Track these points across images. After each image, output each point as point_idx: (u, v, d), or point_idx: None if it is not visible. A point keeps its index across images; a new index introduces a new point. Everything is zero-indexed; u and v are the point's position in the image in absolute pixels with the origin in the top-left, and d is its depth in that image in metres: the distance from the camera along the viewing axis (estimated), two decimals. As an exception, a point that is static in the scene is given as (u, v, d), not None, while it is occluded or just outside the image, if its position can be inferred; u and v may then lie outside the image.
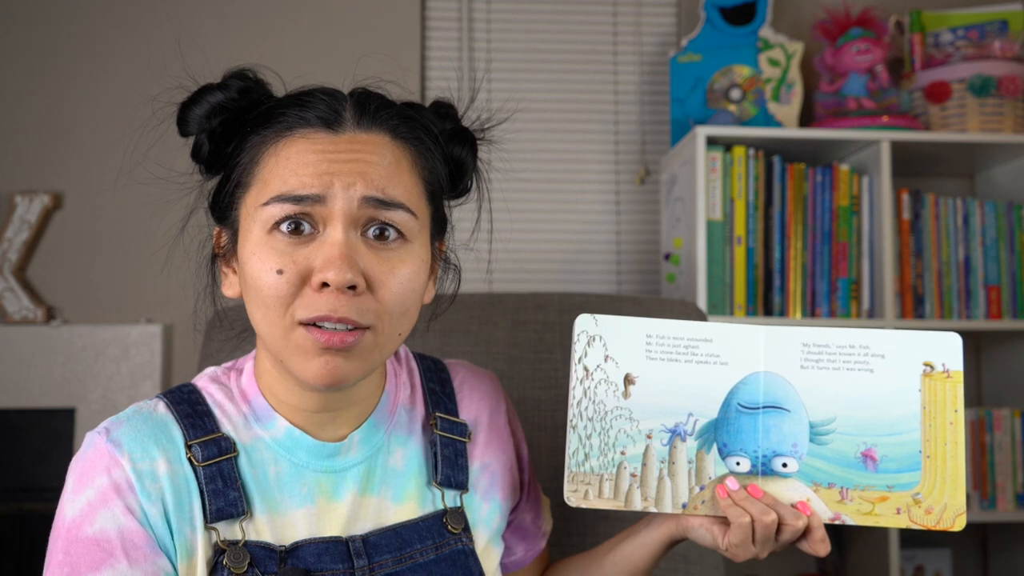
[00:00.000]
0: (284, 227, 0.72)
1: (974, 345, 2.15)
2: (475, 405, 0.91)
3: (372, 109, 0.77)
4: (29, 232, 2.04)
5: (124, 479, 0.73)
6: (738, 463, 0.81)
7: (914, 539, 2.01)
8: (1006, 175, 2.06)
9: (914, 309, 1.92)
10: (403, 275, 0.75)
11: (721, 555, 1.16)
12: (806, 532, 0.79)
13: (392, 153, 0.77)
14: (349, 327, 0.72)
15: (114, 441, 0.74)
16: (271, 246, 0.72)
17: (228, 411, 0.80)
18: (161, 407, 0.78)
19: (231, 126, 0.79)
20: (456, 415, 0.89)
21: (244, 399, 0.81)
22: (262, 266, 0.72)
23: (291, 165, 0.73)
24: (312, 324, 0.72)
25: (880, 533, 1.82)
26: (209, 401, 0.80)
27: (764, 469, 0.80)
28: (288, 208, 0.72)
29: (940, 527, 0.80)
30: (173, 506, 0.74)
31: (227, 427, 0.79)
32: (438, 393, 0.89)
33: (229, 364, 0.85)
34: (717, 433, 0.81)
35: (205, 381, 0.82)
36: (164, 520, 0.73)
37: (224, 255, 0.80)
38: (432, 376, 0.90)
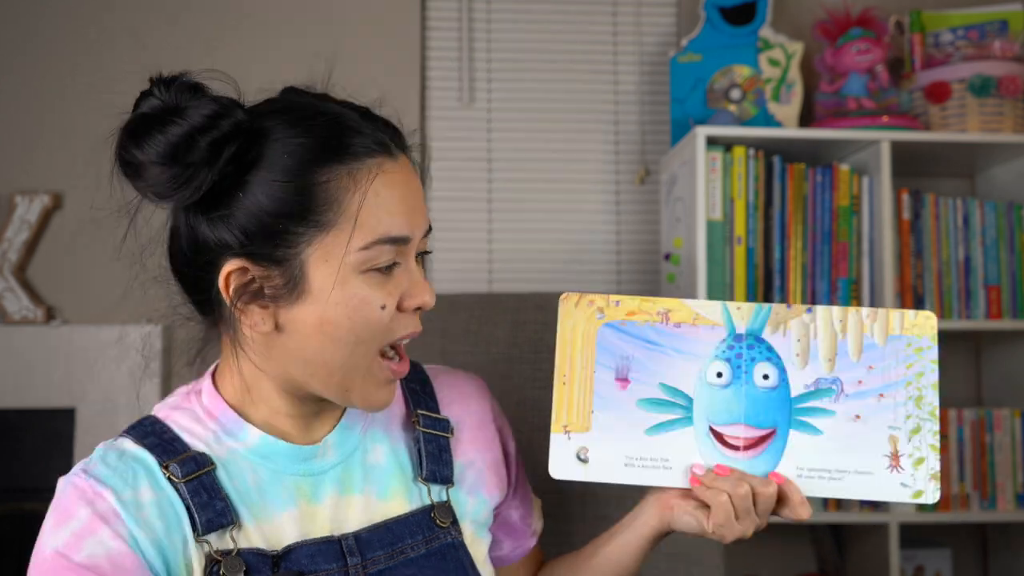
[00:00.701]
0: (382, 267, 0.75)
1: (974, 345, 2.15)
2: (456, 404, 0.92)
3: (396, 131, 0.80)
4: (29, 232, 2.04)
5: (109, 509, 0.73)
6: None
7: (914, 539, 2.01)
8: (1006, 175, 2.06)
9: (914, 309, 1.92)
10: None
11: (721, 555, 1.17)
12: (784, 499, 0.80)
13: (416, 174, 0.81)
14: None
15: (95, 477, 0.74)
16: (369, 283, 0.75)
17: (196, 432, 0.80)
18: (128, 443, 0.78)
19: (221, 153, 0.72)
20: (438, 412, 0.90)
21: (210, 416, 0.81)
22: (367, 305, 0.74)
23: (382, 203, 0.74)
24: (384, 355, 0.78)
25: (880, 533, 1.82)
26: (174, 428, 0.80)
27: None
28: (390, 250, 0.75)
29: None
30: (163, 531, 0.74)
31: (199, 446, 0.79)
32: (419, 392, 0.91)
33: (185, 390, 0.85)
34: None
35: (166, 411, 0.82)
36: (155, 546, 0.73)
37: (263, 295, 0.74)
38: (412, 377, 0.92)
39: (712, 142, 1.87)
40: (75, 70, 2.11)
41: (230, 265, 0.74)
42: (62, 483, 0.75)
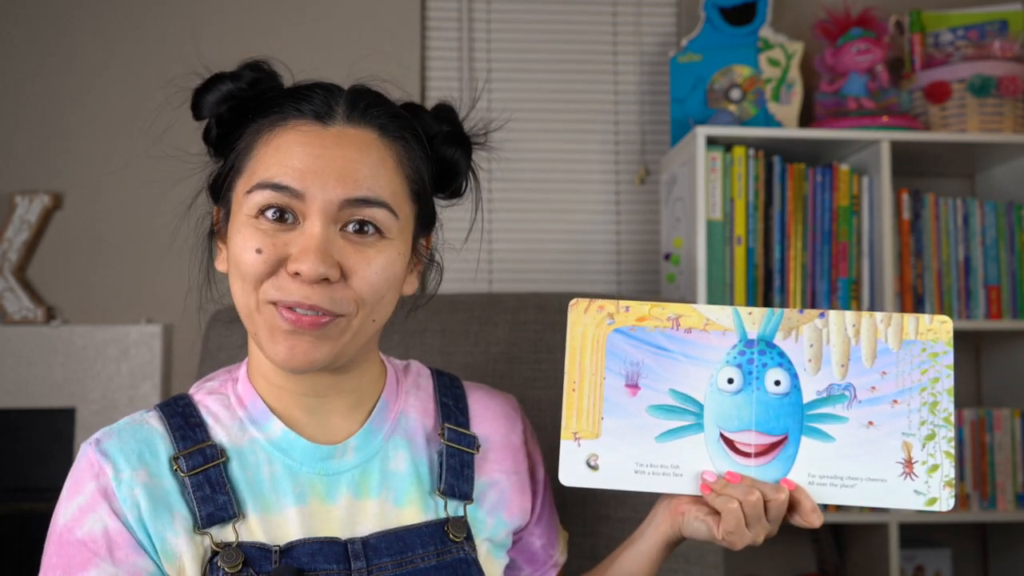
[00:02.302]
0: (268, 214, 0.76)
1: (974, 345, 2.15)
2: (488, 423, 0.91)
3: (363, 105, 0.80)
4: (29, 232, 2.04)
5: (108, 486, 0.77)
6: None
7: (914, 539, 2.01)
8: (1006, 175, 2.06)
9: (914, 309, 1.92)
10: (378, 265, 0.77)
11: (721, 555, 1.17)
12: (796, 506, 0.80)
13: (378, 151, 0.79)
14: (320, 313, 0.75)
15: (102, 451, 0.78)
16: (256, 227, 0.76)
17: (222, 418, 0.82)
18: (155, 419, 0.82)
19: (238, 113, 0.82)
20: (467, 428, 0.89)
21: (241, 404, 0.83)
22: (244, 244, 0.76)
23: (277, 155, 0.77)
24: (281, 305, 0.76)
25: (880, 533, 1.82)
26: (203, 412, 0.83)
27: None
28: (268, 195, 0.76)
29: None
30: (148, 513, 0.76)
31: (219, 434, 0.81)
32: (450, 407, 0.90)
33: (224, 375, 0.87)
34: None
35: (202, 395, 0.85)
36: (141, 524, 0.76)
37: (219, 232, 0.84)
38: (447, 392, 0.92)
39: (712, 142, 1.87)
40: (75, 70, 2.11)
41: (214, 208, 0.85)
42: (82, 449, 0.80)
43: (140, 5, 2.13)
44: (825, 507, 1.83)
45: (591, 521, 1.14)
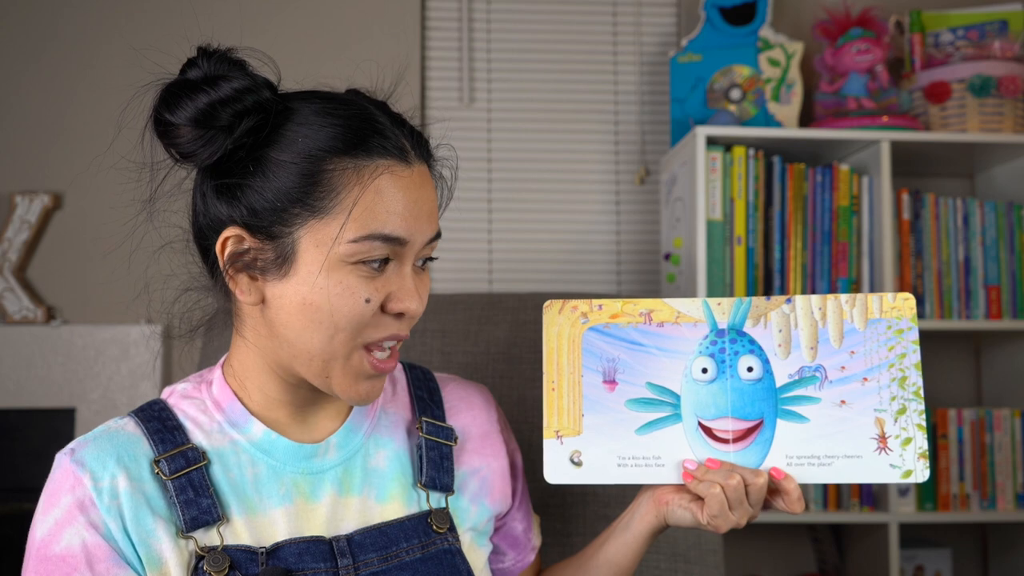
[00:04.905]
0: (376, 264, 0.76)
1: (974, 345, 2.15)
2: (464, 414, 0.92)
3: (422, 141, 0.81)
4: (29, 232, 2.04)
5: (87, 496, 0.75)
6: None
7: (914, 539, 2.01)
8: (1006, 175, 2.06)
9: (914, 309, 1.92)
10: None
11: (721, 555, 1.17)
12: (783, 493, 0.81)
13: (432, 184, 0.81)
14: (396, 344, 0.80)
15: (78, 461, 0.77)
16: (357, 275, 0.75)
17: (200, 422, 0.82)
18: (131, 425, 0.80)
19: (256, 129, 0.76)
20: (443, 421, 0.90)
21: (218, 408, 0.83)
22: (350, 294, 0.75)
23: (383, 203, 0.75)
24: (368, 348, 0.78)
25: (880, 533, 1.82)
26: (180, 416, 0.82)
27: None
28: (378, 246, 0.75)
29: None
30: (131, 520, 0.76)
31: (199, 437, 0.81)
32: (426, 400, 0.91)
33: (196, 379, 0.87)
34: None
35: (176, 398, 0.84)
36: (124, 533, 0.75)
37: (255, 266, 0.77)
38: (420, 385, 0.93)
39: (712, 142, 1.87)
40: (75, 70, 2.11)
41: (228, 232, 0.77)
42: (56, 459, 0.78)
43: (140, 4, 2.13)
44: (825, 505, 1.83)
45: (591, 521, 1.14)
